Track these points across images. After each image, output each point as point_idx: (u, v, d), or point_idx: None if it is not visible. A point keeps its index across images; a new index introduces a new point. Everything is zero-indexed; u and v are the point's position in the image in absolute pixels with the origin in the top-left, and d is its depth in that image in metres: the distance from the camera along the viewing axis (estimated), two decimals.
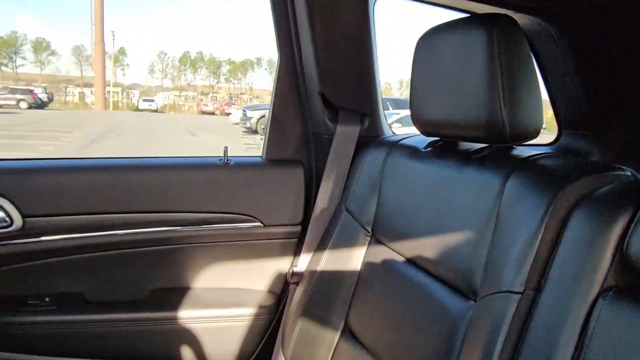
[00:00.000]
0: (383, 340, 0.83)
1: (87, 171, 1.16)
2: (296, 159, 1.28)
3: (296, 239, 1.28)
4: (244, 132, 14.73)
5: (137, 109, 29.79)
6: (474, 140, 0.81)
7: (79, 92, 34.00)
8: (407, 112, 0.94)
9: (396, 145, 1.01)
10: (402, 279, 0.84)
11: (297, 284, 1.13)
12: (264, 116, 13.66)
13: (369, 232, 0.98)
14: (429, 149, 0.92)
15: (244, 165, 1.26)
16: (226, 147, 1.25)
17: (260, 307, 1.24)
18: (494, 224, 0.68)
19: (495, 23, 0.72)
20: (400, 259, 0.86)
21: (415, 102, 0.89)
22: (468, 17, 0.81)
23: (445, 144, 0.91)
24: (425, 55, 0.86)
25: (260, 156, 1.32)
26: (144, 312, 1.17)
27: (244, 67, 45.40)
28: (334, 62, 1.14)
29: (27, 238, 1.10)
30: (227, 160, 1.24)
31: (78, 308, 1.15)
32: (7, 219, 1.07)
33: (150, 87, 40.70)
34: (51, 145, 9.57)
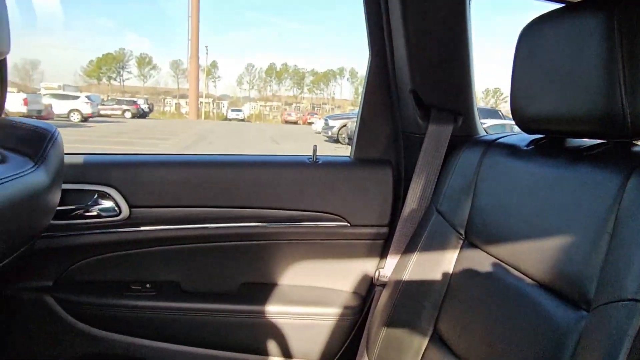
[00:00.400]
0: (477, 349, 0.78)
1: (186, 166, 1.23)
2: (385, 159, 1.27)
3: (383, 240, 1.26)
4: (325, 140, 14.97)
5: (226, 119, 31.55)
6: (586, 135, 0.74)
7: (175, 103, 36.79)
8: (494, 121, 0.89)
9: (493, 145, 0.95)
10: (499, 285, 0.78)
11: (383, 286, 1.10)
12: (345, 125, 13.79)
13: (461, 234, 0.93)
14: (531, 147, 0.86)
15: (332, 165, 1.27)
16: (315, 146, 1.26)
17: (345, 307, 1.23)
18: (612, 226, 0.61)
19: (616, 6, 0.66)
20: (498, 263, 0.81)
21: (516, 98, 0.84)
22: (580, 2, 0.74)
23: (551, 142, 0.84)
24: (530, 46, 0.81)
25: (348, 156, 1.32)
26: (233, 304, 1.21)
27: (326, 77, 46.25)
28: (427, 58, 1.11)
29: (132, 227, 1.18)
30: (316, 159, 1.25)
31: (174, 296, 1.21)
32: (116, 208, 1.16)
33: (238, 98, 42.90)
34: (151, 152, 10.40)
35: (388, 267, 1.11)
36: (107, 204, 1.16)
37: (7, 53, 0.72)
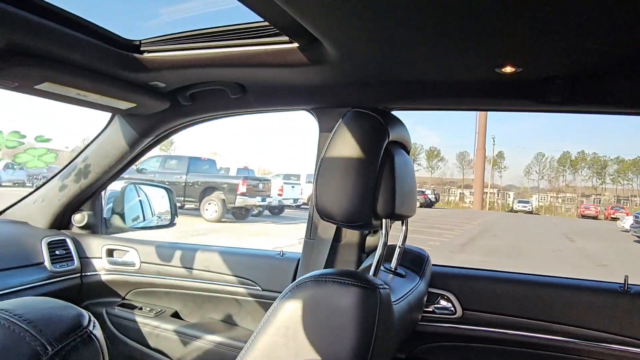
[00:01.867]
0: None
1: (510, 282, 1.55)
2: None
3: None
4: (635, 240, 12.66)
5: (512, 210, 30.27)
6: None
7: (460, 193, 37.80)
8: None
9: None
10: None
11: None
12: None
13: None
14: None
15: None
16: (626, 277, 1.40)
17: None
18: None
19: None
20: None
21: None
22: None
23: None
24: None
25: None
26: None
27: (636, 165, 39.38)
28: None
29: (463, 325, 1.56)
30: (627, 288, 1.39)
31: None
32: (452, 308, 1.57)
33: (525, 188, 40.74)
34: (437, 241, 11.02)
35: None
36: (445, 304, 1.59)
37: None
